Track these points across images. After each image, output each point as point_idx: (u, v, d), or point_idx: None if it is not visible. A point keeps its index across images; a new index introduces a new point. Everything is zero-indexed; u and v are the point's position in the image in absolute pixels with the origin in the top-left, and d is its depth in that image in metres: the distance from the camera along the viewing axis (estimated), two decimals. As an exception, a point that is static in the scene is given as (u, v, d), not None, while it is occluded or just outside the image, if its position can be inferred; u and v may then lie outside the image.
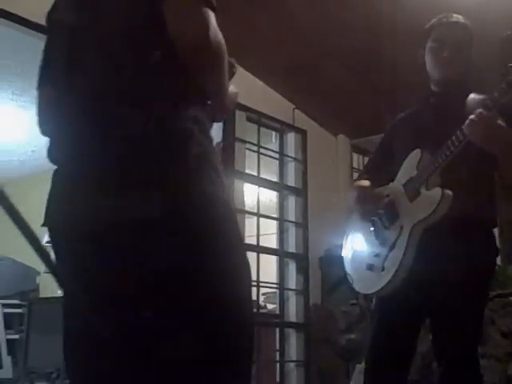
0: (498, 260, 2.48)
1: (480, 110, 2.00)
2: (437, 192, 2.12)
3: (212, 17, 1.26)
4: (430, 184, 2.17)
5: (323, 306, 5.14)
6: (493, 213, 2.32)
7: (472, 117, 2.01)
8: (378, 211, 2.35)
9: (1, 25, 3.40)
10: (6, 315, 6.07)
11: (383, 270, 2.23)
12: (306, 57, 4.74)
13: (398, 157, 2.37)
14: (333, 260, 4.77)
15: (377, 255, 2.30)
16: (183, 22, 1.25)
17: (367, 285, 2.35)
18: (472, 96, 2.27)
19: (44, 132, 1.44)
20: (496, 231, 2.37)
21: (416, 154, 2.27)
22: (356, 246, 2.47)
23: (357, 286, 2.43)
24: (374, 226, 2.37)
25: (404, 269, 2.15)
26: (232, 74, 1.45)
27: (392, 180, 2.38)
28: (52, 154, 1.37)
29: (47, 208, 1.35)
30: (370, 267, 2.30)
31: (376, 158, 2.64)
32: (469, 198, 2.13)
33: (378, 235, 2.34)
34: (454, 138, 2.08)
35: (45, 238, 1.32)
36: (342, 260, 2.52)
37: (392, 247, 2.22)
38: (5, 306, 6.10)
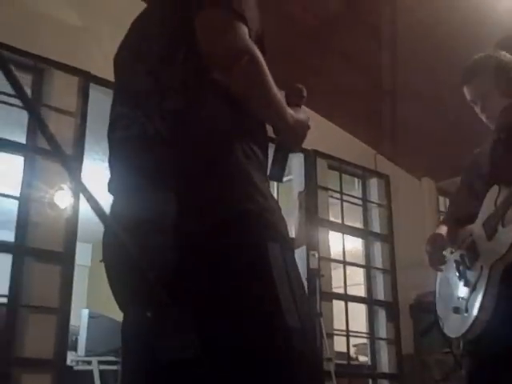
0: None
1: None
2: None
3: (242, 29, 1.19)
4: (506, 221, 2.07)
5: (416, 355, 4.94)
6: None
7: None
8: (459, 253, 2.28)
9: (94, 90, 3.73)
10: (101, 372, 6.20)
11: (467, 311, 2.14)
12: (382, 99, 4.72)
13: (480, 193, 2.29)
14: (424, 307, 4.62)
15: (461, 297, 2.22)
16: (211, 36, 1.19)
17: (454, 328, 2.26)
18: None
19: None
20: None
21: (494, 190, 2.19)
22: (444, 289, 2.41)
23: (446, 330, 2.35)
24: (457, 267, 2.29)
25: (485, 311, 2.05)
26: (300, 101, 1.40)
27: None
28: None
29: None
30: (456, 310, 2.22)
31: (457, 198, 2.55)
32: None
33: (461, 277, 2.26)
34: None
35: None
36: (433, 306, 2.44)
37: (474, 288, 2.14)
38: (101, 362, 6.23)
